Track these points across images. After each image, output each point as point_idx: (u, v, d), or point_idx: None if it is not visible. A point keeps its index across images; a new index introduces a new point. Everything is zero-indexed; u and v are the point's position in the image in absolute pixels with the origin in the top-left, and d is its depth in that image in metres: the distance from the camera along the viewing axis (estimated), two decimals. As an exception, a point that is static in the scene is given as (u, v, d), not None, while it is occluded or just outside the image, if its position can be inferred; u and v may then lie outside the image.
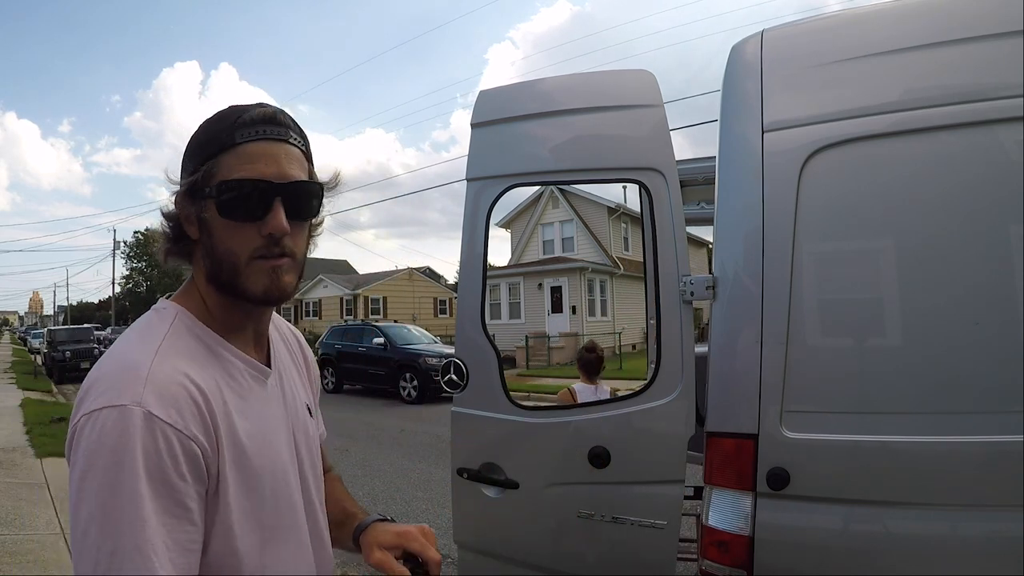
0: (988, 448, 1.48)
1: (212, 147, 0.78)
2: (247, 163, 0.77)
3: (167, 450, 0.69)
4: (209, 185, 0.78)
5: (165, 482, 0.68)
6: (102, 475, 0.66)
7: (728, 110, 1.74)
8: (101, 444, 0.67)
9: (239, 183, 0.77)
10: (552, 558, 2.04)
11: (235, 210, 0.78)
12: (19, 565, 3.71)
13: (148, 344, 0.76)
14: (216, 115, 0.81)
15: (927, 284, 1.55)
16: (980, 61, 1.52)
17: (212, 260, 0.80)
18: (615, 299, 22.11)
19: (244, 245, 0.78)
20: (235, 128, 0.78)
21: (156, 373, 0.72)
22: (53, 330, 21.84)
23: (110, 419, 0.68)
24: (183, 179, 0.80)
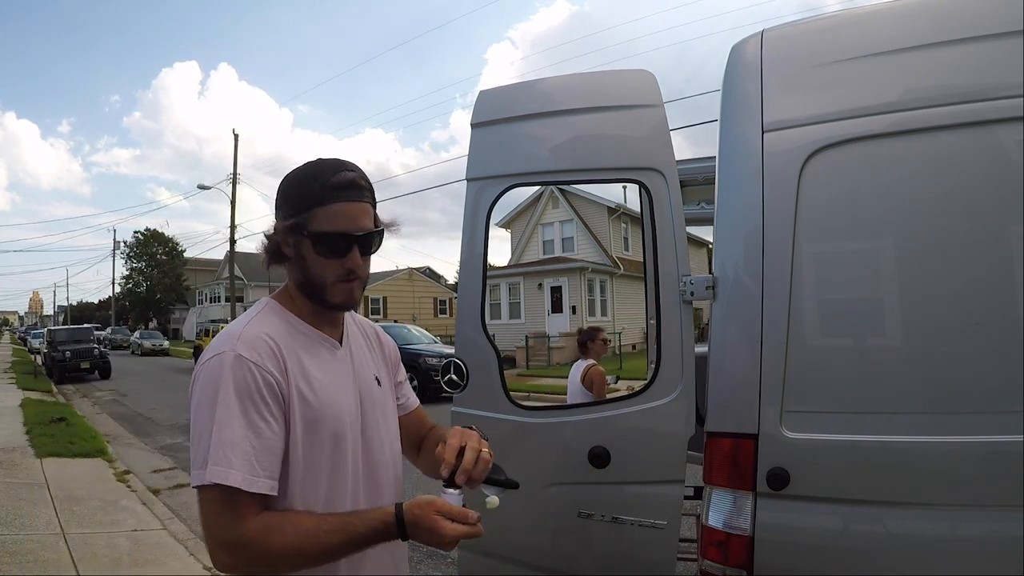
0: (988, 448, 1.48)
1: (309, 201, 1.07)
2: (336, 219, 1.07)
3: (251, 378, 1.00)
4: (307, 229, 1.07)
5: (250, 398, 0.99)
6: (210, 396, 0.99)
7: (728, 110, 1.74)
8: (209, 378, 1.01)
9: (330, 235, 1.07)
10: (552, 558, 2.04)
11: (326, 252, 1.08)
12: (19, 565, 3.71)
13: (244, 319, 1.10)
14: (311, 170, 1.09)
15: (927, 284, 1.55)
16: (980, 61, 1.52)
17: (304, 277, 1.11)
18: (615, 299, 22.11)
19: (330, 273, 1.09)
20: (327, 190, 1.06)
21: (246, 333, 1.05)
22: (53, 330, 21.82)
23: (214, 362, 1.02)
24: (282, 215, 1.09)
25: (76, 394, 14.71)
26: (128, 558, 4.00)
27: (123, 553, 4.08)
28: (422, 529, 1.00)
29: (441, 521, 1.00)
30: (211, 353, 1.03)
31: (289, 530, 0.97)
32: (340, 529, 0.99)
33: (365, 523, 1.01)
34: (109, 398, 13.94)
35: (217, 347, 1.04)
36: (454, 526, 1.00)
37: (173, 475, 6.61)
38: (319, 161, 1.12)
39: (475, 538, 1.03)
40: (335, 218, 1.06)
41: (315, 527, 0.99)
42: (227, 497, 0.95)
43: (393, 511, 1.02)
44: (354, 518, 1.02)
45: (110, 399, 13.76)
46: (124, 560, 3.96)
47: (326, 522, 1.00)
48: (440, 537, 1.00)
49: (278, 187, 1.12)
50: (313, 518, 1.01)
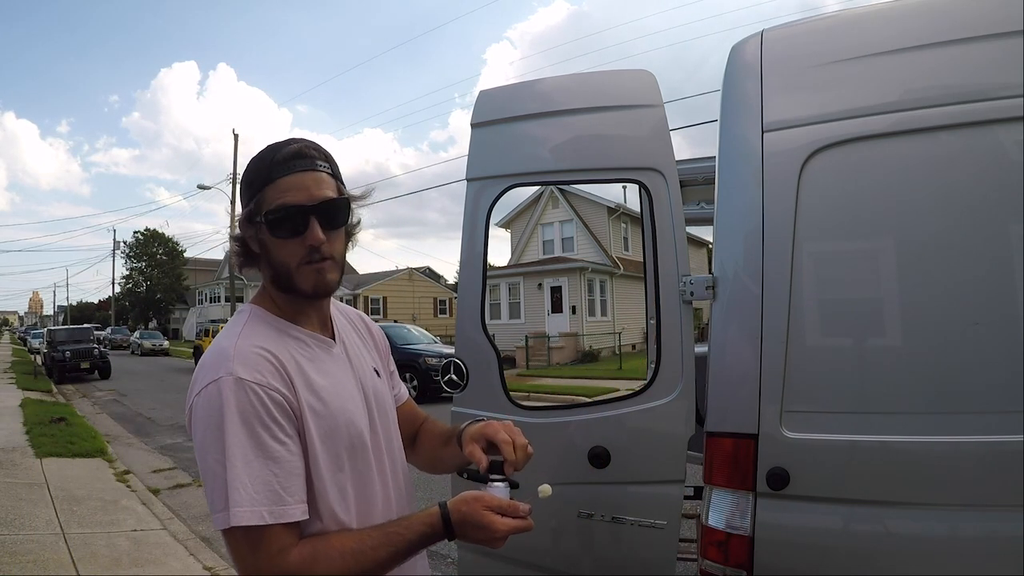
0: (988, 448, 1.48)
1: (257, 183, 1.00)
2: (284, 193, 0.98)
3: (256, 400, 0.91)
4: (259, 214, 0.99)
5: (260, 422, 0.91)
6: (215, 429, 0.89)
7: (728, 110, 1.74)
8: (210, 410, 0.90)
9: (279, 208, 0.98)
10: (552, 558, 2.04)
11: (280, 230, 0.99)
12: (19, 565, 3.71)
13: (232, 333, 1.00)
14: (258, 155, 1.02)
15: (927, 284, 1.55)
16: (980, 61, 1.52)
17: (272, 268, 1.03)
18: (615, 299, 22.11)
19: (292, 256, 1.00)
20: (272, 166, 0.99)
21: (239, 349, 0.95)
22: (53, 330, 21.81)
23: (212, 391, 0.91)
24: (242, 209, 1.03)
25: (76, 394, 14.71)
26: (128, 558, 4.00)
27: (123, 553, 4.08)
28: (471, 526, 0.95)
29: (492, 516, 0.95)
30: (206, 379, 0.92)
31: (335, 555, 0.90)
32: (386, 543, 0.94)
33: (411, 530, 0.96)
34: (109, 398, 13.94)
35: (211, 371, 0.93)
36: (505, 520, 0.96)
37: (173, 475, 6.61)
38: (269, 144, 1.04)
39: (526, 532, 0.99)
40: (284, 192, 0.98)
41: (360, 545, 0.93)
42: (258, 535, 0.88)
43: (438, 512, 0.97)
44: (398, 527, 0.97)
45: (110, 399, 13.76)
46: (124, 560, 3.96)
47: (369, 538, 0.94)
48: (492, 533, 0.95)
49: None
50: (355, 536, 0.95)
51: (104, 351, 19.64)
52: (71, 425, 8.70)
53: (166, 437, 8.92)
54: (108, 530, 4.53)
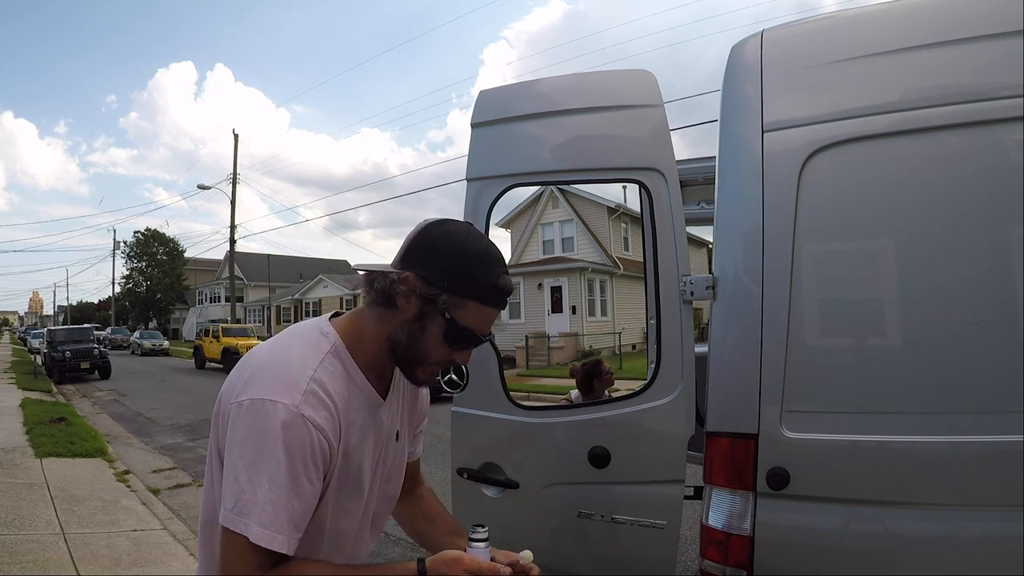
0: (988, 448, 1.48)
1: (471, 291, 1.00)
2: (482, 322, 1.03)
3: (309, 441, 0.94)
4: (449, 311, 1.00)
5: (303, 462, 0.94)
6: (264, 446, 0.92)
7: (728, 110, 1.74)
8: (261, 425, 0.93)
9: (471, 333, 1.02)
10: (552, 558, 2.04)
11: (452, 340, 1.03)
12: (19, 565, 3.71)
13: (310, 360, 1.00)
14: (480, 255, 1.01)
15: (926, 284, 1.55)
16: (980, 61, 1.52)
17: (408, 344, 1.03)
18: (615, 299, 22.11)
19: (437, 356, 1.05)
20: (492, 291, 1.01)
21: (312, 387, 0.96)
22: (53, 330, 21.80)
23: (272, 410, 0.93)
24: (425, 277, 0.99)
25: (76, 394, 14.71)
26: (128, 558, 4.00)
27: (123, 553, 4.08)
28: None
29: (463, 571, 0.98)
30: (269, 393, 0.94)
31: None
32: None
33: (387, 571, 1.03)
34: (109, 398, 13.94)
35: (277, 389, 0.94)
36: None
37: (173, 475, 6.61)
38: (484, 245, 1.03)
39: None
40: (483, 320, 1.02)
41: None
42: (260, 552, 0.93)
43: (415, 568, 0.99)
44: (374, 572, 1.04)
45: (110, 399, 13.76)
46: (124, 560, 3.96)
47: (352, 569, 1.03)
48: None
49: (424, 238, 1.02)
50: (329, 568, 1.00)
51: (104, 351, 19.63)
52: (71, 425, 8.69)
53: (166, 437, 8.91)
54: (108, 530, 4.53)
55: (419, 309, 1.01)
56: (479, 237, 1.05)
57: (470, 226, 1.07)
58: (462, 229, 1.04)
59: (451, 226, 1.03)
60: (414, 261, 1.01)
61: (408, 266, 1.01)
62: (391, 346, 1.05)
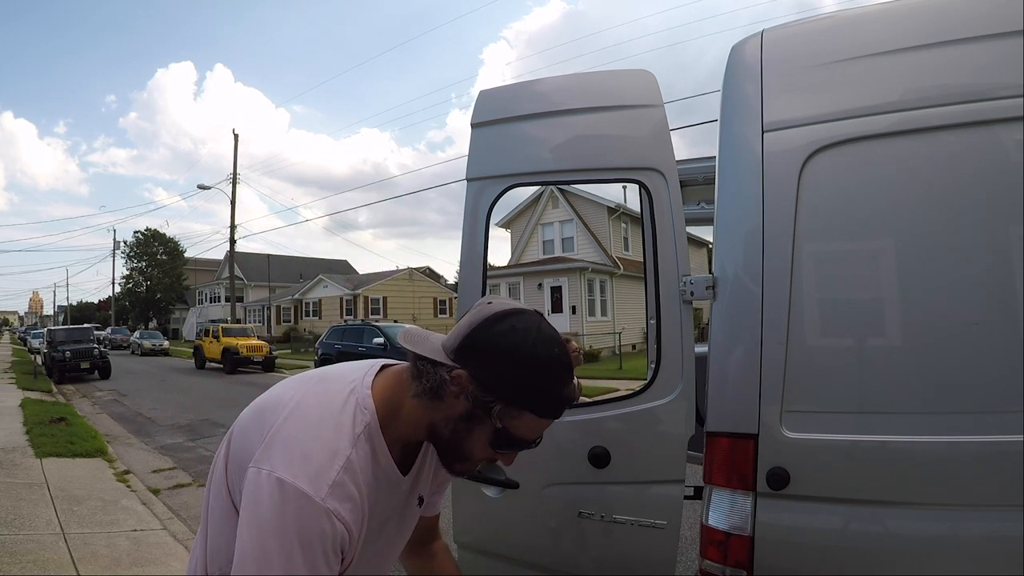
0: (988, 448, 1.48)
1: (528, 404, 0.93)
2: (533, 430, 0.96)
3: (332, 536, 0.88)
4: (502, 421, 0.93)
5: (324, 553, 0.88)
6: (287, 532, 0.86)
7: (728, 110, 1.74)
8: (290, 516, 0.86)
9: (521, 442, 0.97)
10: (552, 558, 2.04)
11: (499, 447, 0.97)
12: (19, 565, 3.71)
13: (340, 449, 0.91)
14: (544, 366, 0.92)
15: (926, 284, 1.55)
16: (980, 61, 1.52)
17: (452, 440, 0.97)
18: (615, 299, 22.12)
19: (479, 454, 0.99)
20: (552, 404, 0.94)
21: (339, 480, 0.89)
22: (53, 330, 21.77)
23: (305, 504, 0.87)
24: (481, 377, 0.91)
25: (76, 394, 14.71)
26: (128, 558, 4.00)
27: (123, 553, 4.08)
28: None
29: None
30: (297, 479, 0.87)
31: None
32: None
33: None
34: (109, 398, 13.94)
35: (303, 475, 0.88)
36: None
37: (173, 475, 6.61)
38: (550, 352, 0.93)
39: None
40: (536, 430, 0.97)
41: None
42: None
43: None
44: None
45: (110, 399, 13.76)
46: (124, 560, 3.96)
47: None
48: None
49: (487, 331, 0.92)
50: None
51: (104, 351, 19.62)
52: (71, 425, 8.69)
53: (166, 437, 8.91)
54: (108, 530, 4.53)
55: (468, 411, 0.93)
56: (547, 338, 0.93)
57: (540, 320, 0.96)
58: (531, 327, 0.92)
59: (519, 322, 0.92)
60: (471, 358, 0.91)
61: (463, 362, 0.92)
62: (431, 435, 0.99)
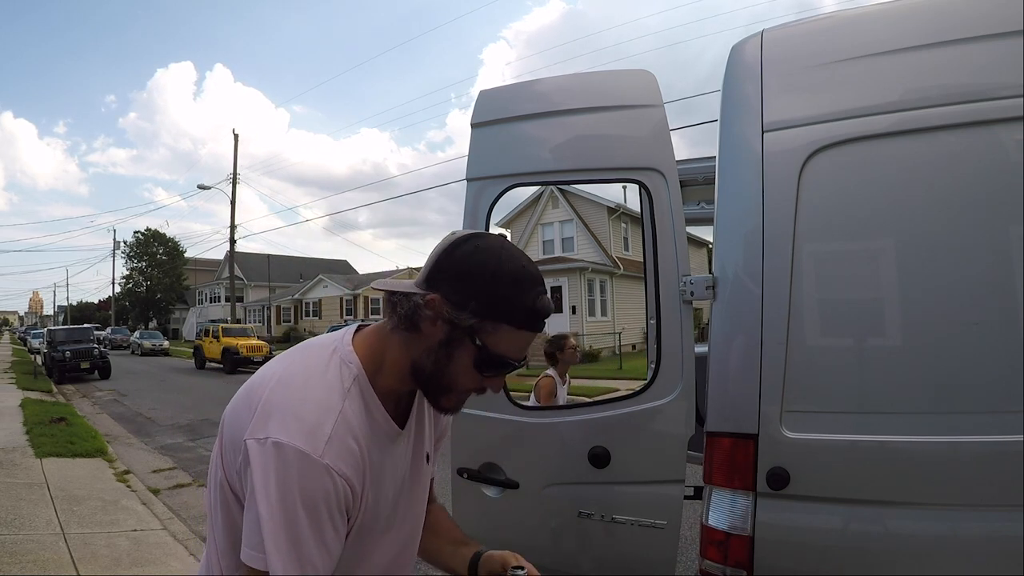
0: (988, 448, 1.48)
1: (501, 314, 0.91)
2: (516, 347, 0.94)
3: (335, 494, 0.88)
4: (479, 337, 0.91)
5: (329, 513, 0.88)
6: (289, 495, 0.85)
7: (728, 110, 1.74)
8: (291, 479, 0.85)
9: (504, 360, 0.94)
10: (552, 558, 2.04)
11: (484, 370, 0.95)
12: (19, 565, 3.71)
13: (331, 404, 0.91)
14: (515, 277, 0.92)
15: (926, 284, 1.55)
16: (980, 61, 1.52)
17: (434, 371, 0.95)
18: (615, 299, 22.12)
19: (466, 382, 0.97)
20: (529, 315, 0.92)
21: (335, 434, 0.89)
22: (53, 330, 21.77)
23: (304, 463, 0.86)
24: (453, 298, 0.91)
25: (76, 394, 14.71)
26: (128, 558, 4.00)
27: (123, 553, 4.08)
28: None
29: None
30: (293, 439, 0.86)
31: None
32: None
33: None
34: (109, 398, 13.94)
35: (299, 434, 0.87)
36: None
37: (173, 475, 6.61)
38: (519, 263, 0.94)
39: None
40: (517, 345, 0.94)
41: None
42: None
43: None
44: None
45: (110, 399, 13.76)
46: (124, 560, 3.96)
47: None
48: None
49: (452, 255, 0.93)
50: None
51: (104, 351, 19.62)
52: (71, 425, 8.69)
53: (166, 437, 8.91)
54: (108, 530, 4.53)
55: (446, 335, 0.92)
56: (513, 254, 0.94)
57: (503, 240, 0.97)
58: (494, 244, 0.94)
59: (482, 242, 0.94)
60: (441, 282, 0.92)
61: (434, 287, 0.92)
62: (415, 373, 0.97)
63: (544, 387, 4.18)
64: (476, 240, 0.94)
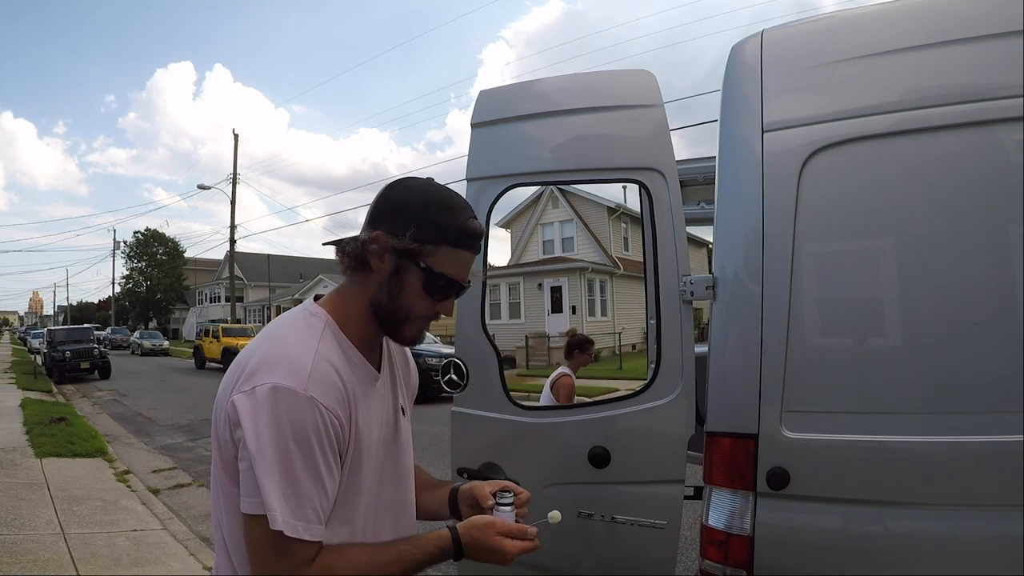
0: (988, 448, 1.48)
1: (438, 236, 1.01)
2: (458, 266, 1.04)
3: (323, 425, 0.93)
4: (423, 261, 1.01)
5: (320, 446, 0.93)
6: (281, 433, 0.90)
7: (728, 110, 1.74)
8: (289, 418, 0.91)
9: (449, 281, 1.03)
10: (552, 558, 2.04)
11: (434, 292, 1.03)
12: (19, 565, 3.71)
13: (308, 344, 0.98)
14: (442, 202, 1.02)
15: (926, 284, 1.55)
16: (980, 61, 1.52)
17: (389, 302, 1.04)
18: (615, 299, 22.11)
19: (421, 309, 1.05)
20: (462, 234, 1.02)
21: (316, 369, 0.95)
22: (53, 330, 21.78)
23: (291, 398, 0.91)
24: (395, 233, 1.00)
25: (76, 394, 14.71)
26: (128, 558, 4.01)
27: (123, 553, 4.08)
28: (482, 550, 1.04)
29: (503, 540, 1.05)
30: (278, 376, 0.92)
31: (349, 568, 0.95)
32: (397, 559, 1.00)
33: (422, 550, 1.03)
34: (109, 398, 13.94)
35: (282, 372, 0.93)
36: (515, 543, 1.05)
37: (173, 475, 6.61)
38: (447, 193, 1.05)
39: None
40: (458, 265, 1.03)
41: (373, 561, 0.98)
42: (287, 543, 0.91)
43: (448, 536, 1.04)
44: (410, 546, 1.03)
45: (110, 399, 13.76)
46: (124, 560, 3.96)
47: (383, 553, 1.00)
48: (503, 556, 1.04)
49: (387, 196, 1.04)
50: (369, 551, 1.00)
51: (104, 351, 19.62)
52: (71, 425, 8.70)
53: (166, 437, 8.91)
54: (108, 530, 4.53)
55: (394, 265, 1.02)
56: (440, 187, 1.05)
57: (431, 179, 1.07)
58: (423, 181, 1.05)
59: (411, 181, 1.05)
60: (381, 220, 1.02)
61: (376, 226, 1.01)
62: (374, 310, 1.05)
63: (567, 385, 4.26)
64: (406, 181, 1.06)
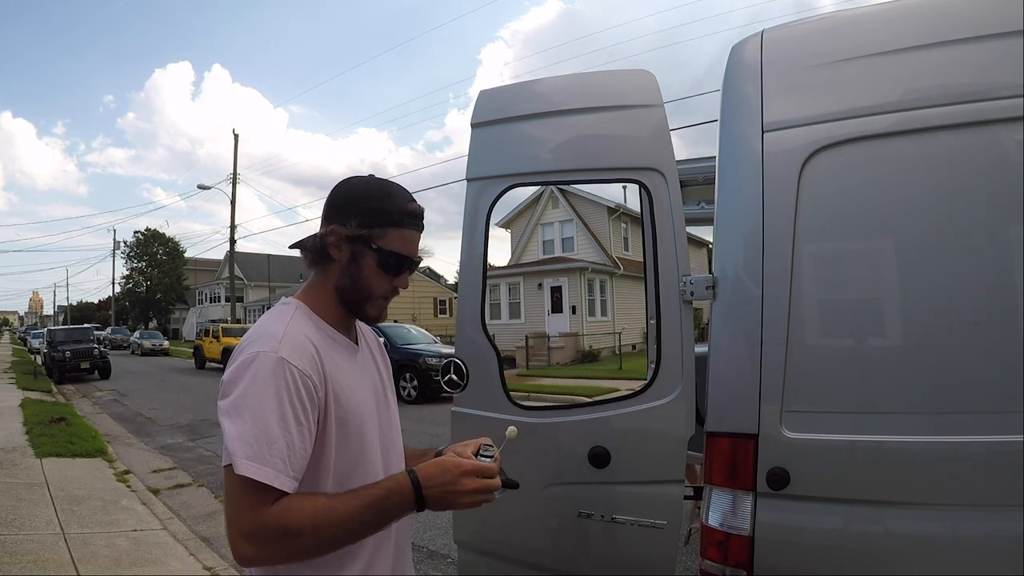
0: (988, 448, 1.48)
1: (383, 219, 1.14)
2: (406, 243, 1.16)
3: (291, 381, 1.03)
4: (375, 243, 1.13)
5: (290, 401, 1.02)
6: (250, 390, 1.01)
7: (728, 110, 1.74)
8: (251, 373, 1.02)
9: (399, 257, 1.15)
10: (552, 558, 2.04)
11: (388, 270, 1.16)
12: (19, 565, 3.71)
13: (280, 321, 1.11)
14: (382, 190, 1.16)
15: (927, 284, 1.55)
16: (980, 61, 1.52)
17: (352, 285, 1.16)
18: (615, 299, 22.10)
19: (380, 288, 1.17)
20: (403, 215, 1.15)
21: (287, 334, 1.07)
22: (53, 330, 21.76)
23: (258, 359, 1.03)
24: (345, 223, 1.13)
25: (76, 394, 14.71)
26: (128, 558, 4.00)
27: (123, 553, 4.08)
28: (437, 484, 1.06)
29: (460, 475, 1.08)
30: (253, 348, 1.05)
31: (306, 506, 1.00)
32: (353, 496, 1.04)
33: (379, 486, 1.07)
34: (109, 398, 13.94)
35: (257, 344, 1.05)
36: (475, 480, 1.09)
37: (173, 475, 6.61)
38: (385, 182, 1.18)
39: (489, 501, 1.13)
40: (406, 242, 1.16)
41: (330, 500, 1.03)
42: (254, 489, 0.98)
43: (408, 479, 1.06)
44: (367, 485, 1.08)
45: (110, 399, 13.75)
46: (124, 560, 3.96)
47: (342, 495, 1.05)
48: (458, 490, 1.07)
49: (335, 195, 1.17)
50: (327, 495, 1.05)
51: (104, 351, 19.60)
52: (71, 425, 8.69)
53: (166, 437, 8.91)
54: (108, 530, 4.53)
55: (351, 252, 1.14)
56: (380, 179, 1.19)
57: (372, 175, 1.20)
58: (363, 177, 1.19)
59: (353, 179, 1.19)
60: (333, 216, 1.14)
61: (330, 222, 1.15)
62: (340, 294, 1.17)
63: None
64: (350, 179, 1.19)
